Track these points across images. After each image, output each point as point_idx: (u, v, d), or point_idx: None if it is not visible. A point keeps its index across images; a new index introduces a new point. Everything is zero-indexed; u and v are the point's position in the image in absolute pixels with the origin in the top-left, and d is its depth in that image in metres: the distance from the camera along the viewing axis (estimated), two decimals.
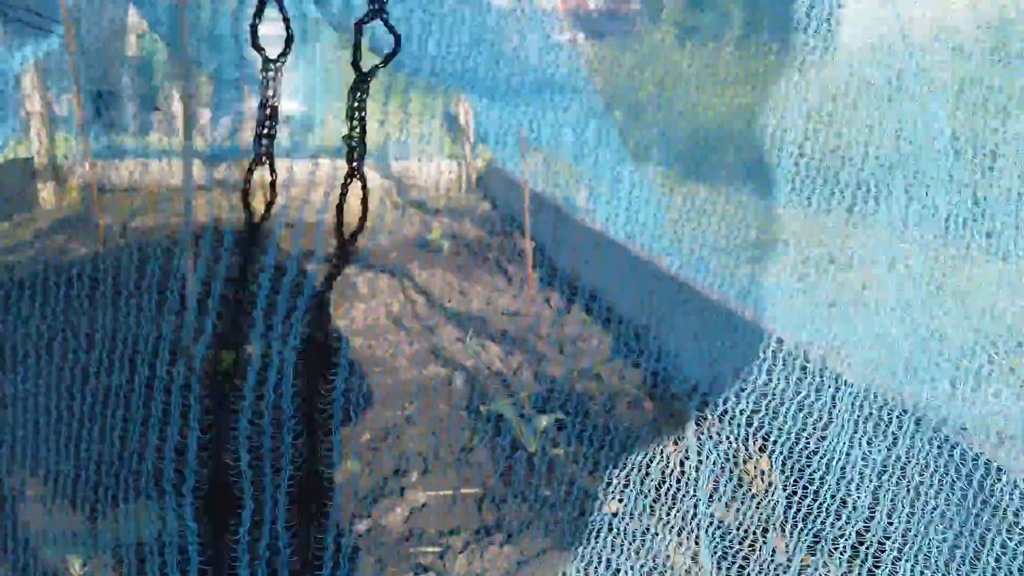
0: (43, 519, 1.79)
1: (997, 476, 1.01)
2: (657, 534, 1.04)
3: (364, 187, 0.69)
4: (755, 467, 1.00)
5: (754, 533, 1.02)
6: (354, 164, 0.71)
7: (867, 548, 0.96)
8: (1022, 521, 1.00)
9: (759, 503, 0.99)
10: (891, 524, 0.92)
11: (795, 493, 0.95)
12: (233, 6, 4.55)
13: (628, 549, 1.07)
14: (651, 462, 0.97)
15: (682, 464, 0.97)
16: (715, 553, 1.03)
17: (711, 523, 1.00)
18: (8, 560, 1.67)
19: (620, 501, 1.07)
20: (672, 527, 1.03)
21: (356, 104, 0.69)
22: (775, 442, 0.93)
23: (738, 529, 1.03)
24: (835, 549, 0.94)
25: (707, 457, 0.93)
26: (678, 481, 0.98)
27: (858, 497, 0.92)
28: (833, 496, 0.91)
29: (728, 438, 0.91)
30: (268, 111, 0.71)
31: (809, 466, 0.92)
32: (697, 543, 1.02)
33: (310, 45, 5.66)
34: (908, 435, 0.99)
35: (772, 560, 0.99)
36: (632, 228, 2.72)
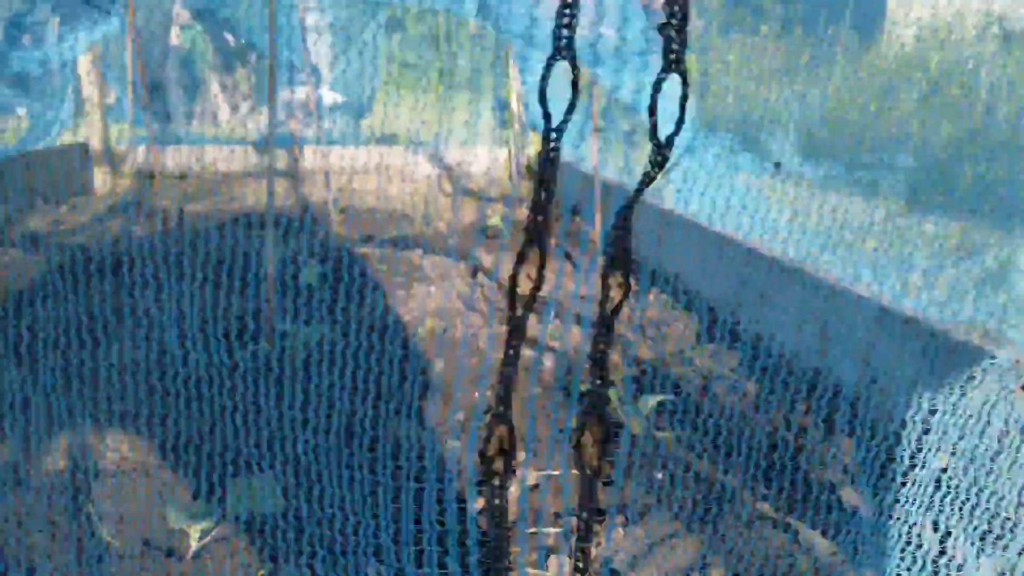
0: (157, 489, 1.74)
1: None
2: (995, 492, 0.95)
3: (686, 82, 0.62)
4: None
5: None
6: (672, 57, 0.64)
7: None
8: None
9: None
10: None
11: None
12: None
13: (960, 508, 0.99)
14: (992, 409, 0.87)
15: None
16: None
17: None
18: (123, 530, 1.63)
19: (953, 454, 0.98)
20: (1012, 483, 0.95)
21: (676, 7, 0.62)
22: None
23: None
24: None
25: None
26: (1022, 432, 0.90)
27: None
28: None
29: None
30: None
31: None
32: None
33: (359, 32, 5.60)
34: None
35: None
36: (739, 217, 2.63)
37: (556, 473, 1.96)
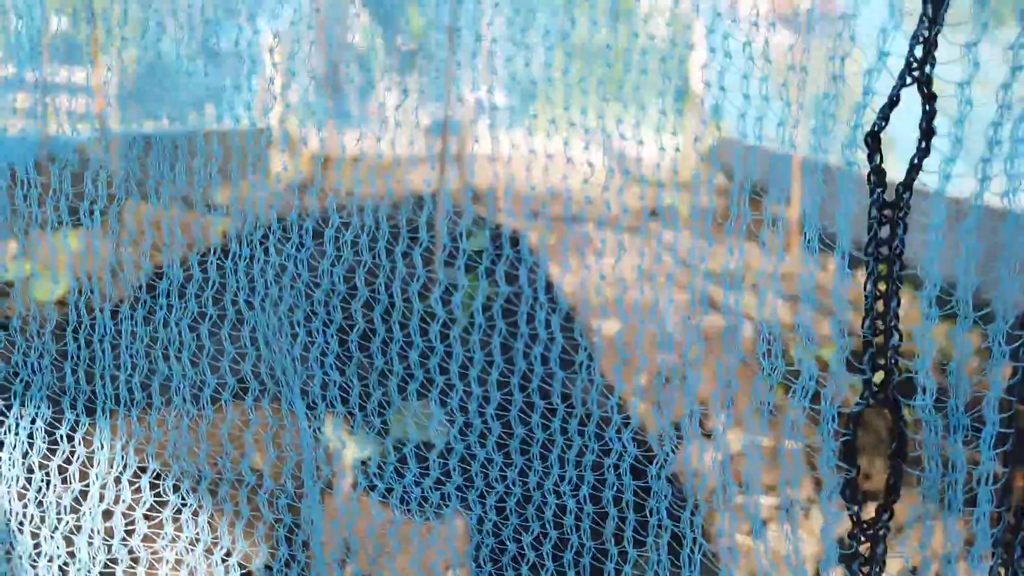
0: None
1: None
2: None
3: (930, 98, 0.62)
4: None
5: None
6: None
7: None
8: None
9: None
10: None
11: None
12: None
13: None
14: None
15: None
16: None
17: None
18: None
19: None
20: None
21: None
22: None
23: None
24: None
25: None
26: None
27: None
28: None
29: None
30: None
31: None
32: None
33: (519, 31, 5.66)
34: None
35: None
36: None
37: (764, 442, 1.86)
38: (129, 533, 1.44)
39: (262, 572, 1.53)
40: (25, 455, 1.36)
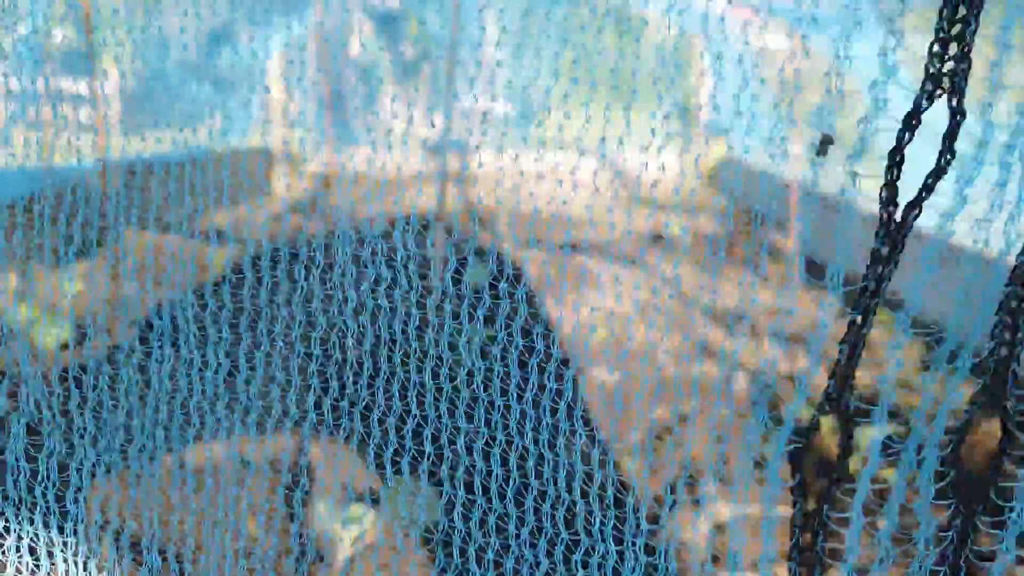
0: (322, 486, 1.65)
1: None
2: None
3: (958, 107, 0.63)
4: None
5: None
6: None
7: None
8: None
9: None
10: None
11: None
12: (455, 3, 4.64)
13: None
14: None
15: None
16: None
17: None
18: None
19: None
20: None
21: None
22: None
23: None
24: None
25: None
26: None
27: None
28: None
29: None
30: None
31: None
32: None
33: (532, 35, 5.60)
34: None
35: None
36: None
37: (755, 511, 1.77)
38: None
39: None
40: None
